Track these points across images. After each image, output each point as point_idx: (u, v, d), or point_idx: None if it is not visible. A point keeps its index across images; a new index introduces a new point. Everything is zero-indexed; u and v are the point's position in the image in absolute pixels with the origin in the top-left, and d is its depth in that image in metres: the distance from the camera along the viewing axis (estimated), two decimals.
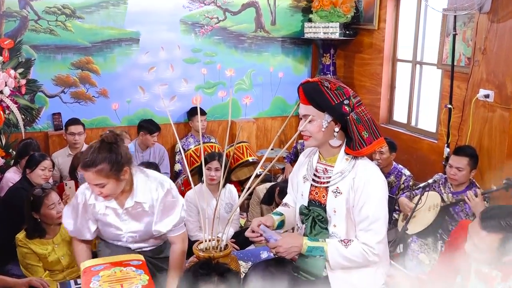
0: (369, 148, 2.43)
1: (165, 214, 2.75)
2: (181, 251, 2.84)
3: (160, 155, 5.67)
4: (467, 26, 4.68)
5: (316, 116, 2.43)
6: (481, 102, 4.33)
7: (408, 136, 5.59)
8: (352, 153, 2.44)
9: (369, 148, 2.43)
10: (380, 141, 2.48)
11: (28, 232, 3.42)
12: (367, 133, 2.42)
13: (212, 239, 2.61)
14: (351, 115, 2.38)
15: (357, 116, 2.40)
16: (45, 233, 3.45)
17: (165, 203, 2.73)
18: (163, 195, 2.72)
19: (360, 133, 2.41)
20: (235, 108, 6.48)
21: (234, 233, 4.41)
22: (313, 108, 2.43)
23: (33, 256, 3.39)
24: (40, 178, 4.17)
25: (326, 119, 2.42)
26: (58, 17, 5.52)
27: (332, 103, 2.38)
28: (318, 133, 2.45)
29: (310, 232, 2.52)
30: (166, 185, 2.75)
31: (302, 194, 2.59)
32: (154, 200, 2.72)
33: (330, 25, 6.12)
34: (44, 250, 3.42)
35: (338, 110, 2.38)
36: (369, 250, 2.38)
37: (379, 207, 2.40)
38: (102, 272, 2.44)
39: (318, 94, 2.40)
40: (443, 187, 4.02)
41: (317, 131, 2.44)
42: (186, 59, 6.17)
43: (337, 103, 2.38)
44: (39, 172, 4.17)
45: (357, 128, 2.40)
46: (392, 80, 6.02)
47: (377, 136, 2.47)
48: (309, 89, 2.43)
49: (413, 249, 3.85)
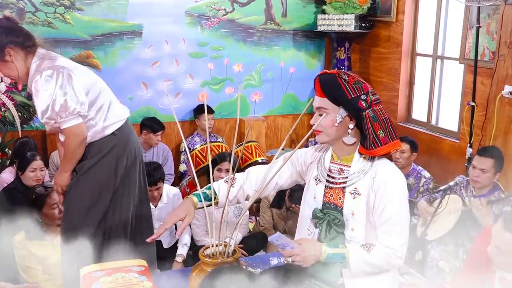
0: (384, 148, 2.42)
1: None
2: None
3: (164, 155, 5.69)
4: (491, 18, 4.65)
5: (330, 110, 2.42)
6: (507, 99, 4.30)
7: (428, 135, 5.57)
8: (366, 152, 2.43)
9: (384, 149, 2.42)
10: (396, 143, 2.46)
11: (28, 233, 3.42)
12: (383, 132, 2.41)
13: (219, 244, 2.61)
14: (367, 111, 2.38)
15: (374, 114, 2.40)
16: (44, 235, 3.47)
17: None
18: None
19: (376, 132, 2.40)
20: (243, 105, 6.49)
21: (243, 238, 4.43)
22: (327, 101, 2.42)
23: (33, 258, 3.41)
24: (31, 180, 4.21)
25: (340, 113, 2.42)
26: (56, 9, 5.55)
27: (348, 96, 2.38)
28: (330, 128, 2.44)
29: (325, 237, 2.51)
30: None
31: (315, 196, 2.58)
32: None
33: (344, 17, 6.10)
34: (44, 252, 3.43)
35: (354, 105, 2.38)
36: (392, 253, 2.38)
37: (402, 208, 2.41)
38: (103, 279, 2.45)
39: (334, 86, 2.40)
40: (464, 190, 4.01)
41: (330, 125, 2.43)
42: (191, 53, 6.18)
43: (354, 97, 2.38)
44: (30, 174, 4.21)
45: (373, 126, 2.39)
46: (411, 75, 6.00)
47: (393, 138, 2.46)
48: (325, 80, 2.42)
49: (432, 256, 3.84)
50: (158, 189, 4.16)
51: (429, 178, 4.60)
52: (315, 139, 2.56)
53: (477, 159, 3.88)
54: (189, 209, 2.54)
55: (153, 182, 4.08)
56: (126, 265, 2.59)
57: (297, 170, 2.72)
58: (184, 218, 2.51)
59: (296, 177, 2.74)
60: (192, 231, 4.28)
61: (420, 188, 4.56)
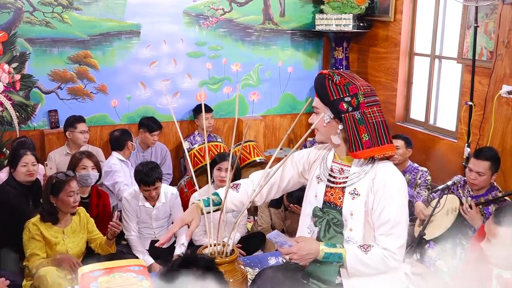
0: (365, 152, 2.41)
1: None
2: None
3: (162, 155, 5.69)
4: (489, 17, 4.66)
5: (321, 110, 2.50)
6: (504, 99, 4.31)
7: (426, 135, 5.58)
8: (350, 154, 2.45)
9: (365, 152, 2.41)
10: (383, 148, 2.44)
11: (43, 215, 3.65)
12: (367, 136, 2.41)
13: (218, 244, 2.62)
14: (352, 113, 2.40)
15: (362, 116, 2.40)
16: (57, 220, 3.68)
17: None
18: None
19: (360, 135, 2.40)
20: (241, 105, 6.49)
21: (241, 237, 4.43)
22: (319, 100, 2.50)
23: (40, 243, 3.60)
24: (23, 175, 4.24)
25: (328, 114, 2.47)
26: (54, 9, 5.55)
27: (330, 97, 2.43)
28: (321, 128, 2.52)
29: (323, 235, 2.53)
30: None
31: (316, 195, 2.59)
32: None
33: (343, 17, 6.11)
34: (54, 237, 3.65)
35: (335, 106, 2.43)
36: (390, 256, 2.39)
37: (401, 210, 2.41)
38: (101, 278, 2.46)
39: (321, 87, 2.48)
40: (461, 190, 4.02)
41: (320, 124, 2.51)
42: (189, 53, 6.18)
43: (336, 99, 2.41)
44: (22, 169, 4.24)
45: (357, 129, 2.40)
46: (409, 75, 6.01)
47: (382, 143, 2.44)
48: (317, 80, 2.51)
49: (430, 255, 3.85)
50: (156, 188, 4.16)
51: (425, 171, 4.65)
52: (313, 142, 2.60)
53: (473, 161, 3.87)
54: (195, 214, 2.59)
55: (150, 181, 4.09)
56: (124, 265, 2.61)
57: (299, 171, 2.73)
58: (191, 222, 2.56)
59: (299, 178, 2.76)
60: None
61: (418, 181, 4.61)
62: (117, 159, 5.05)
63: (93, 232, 3.91)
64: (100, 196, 4.37)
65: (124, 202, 4.24)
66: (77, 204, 3.73)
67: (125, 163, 5.12)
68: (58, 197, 3.64)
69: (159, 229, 4.31)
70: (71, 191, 3.65)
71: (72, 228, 3.76)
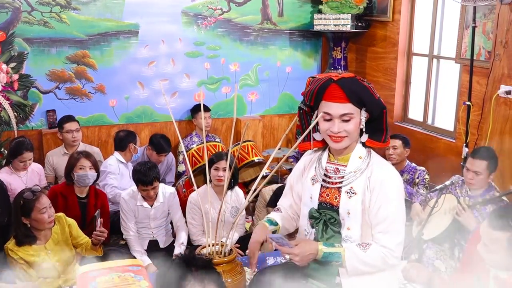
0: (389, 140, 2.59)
1: None
2: None
3: (168, 164, 5.55)
4: (487, 17, 4.67)
5: (355, 114, 2.44)
6: (502, 99, 4.32)
7: (424, 135, 5.59)
8: (378, 145, 2.51)
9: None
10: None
11: (18, 239, 3.38)
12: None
13: (216, 244, 2.62)
14: None
15: None
16: (35, 239, 3.42)
17: None
18: None
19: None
20: (240, 105, 6.49)
21: (239, 237, 4.43)
22: (351, 105, 2.42)
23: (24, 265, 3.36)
24: None
25: (363, 115, 2.46)
26: (52, 8, 5.55)
27: (375, 97, 2.45)
28: (355, 132, 2.47)
29: (321, 236, 2.53)
30: None
31: (311, 196, 2.59)
32: None
33: (341, 17, 6.12)
34: (36, 257, 3.38)
35: (380, 103, 2.46)
36: (389, 253, 2.40)
37: (398, 207, 2.43)
38: (99, 278, 2.46)
39: (361, 89, 2.43)
40: (459, 189, 4.02)
41: (355, 129, 2.46)
42: (188, 52, 6.18)
43: (379, 97, 2.49)
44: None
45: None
46: (407, 75, 6.02)
47: None
48: (350, 85, 2.42)
49: (428, 255, 3.85)
50: (154, 188, 4.16)
51: (423, 170, 4.70)
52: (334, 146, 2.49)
53: (470, 161, 3.87)
54: (264, 232, 2.61)
55: (148, 181, 4.08)
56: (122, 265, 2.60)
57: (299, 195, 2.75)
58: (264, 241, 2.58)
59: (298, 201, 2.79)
60: (189, 230, 4.29)
61: (416, 180, 4.63)
62: (116, 160, 5.00)
63: (78, 237, 3.65)
64: (98, 196, 4.35)
65: (122, 202, 4.24)
66: (53, 218, 3.45)
67: (125, 164, 5.06)
68: (30, 217, 3.36)
69: (157, 229, 4.30)
70: (43, 208, 3.36)
71: (54, 240, 3.50)
